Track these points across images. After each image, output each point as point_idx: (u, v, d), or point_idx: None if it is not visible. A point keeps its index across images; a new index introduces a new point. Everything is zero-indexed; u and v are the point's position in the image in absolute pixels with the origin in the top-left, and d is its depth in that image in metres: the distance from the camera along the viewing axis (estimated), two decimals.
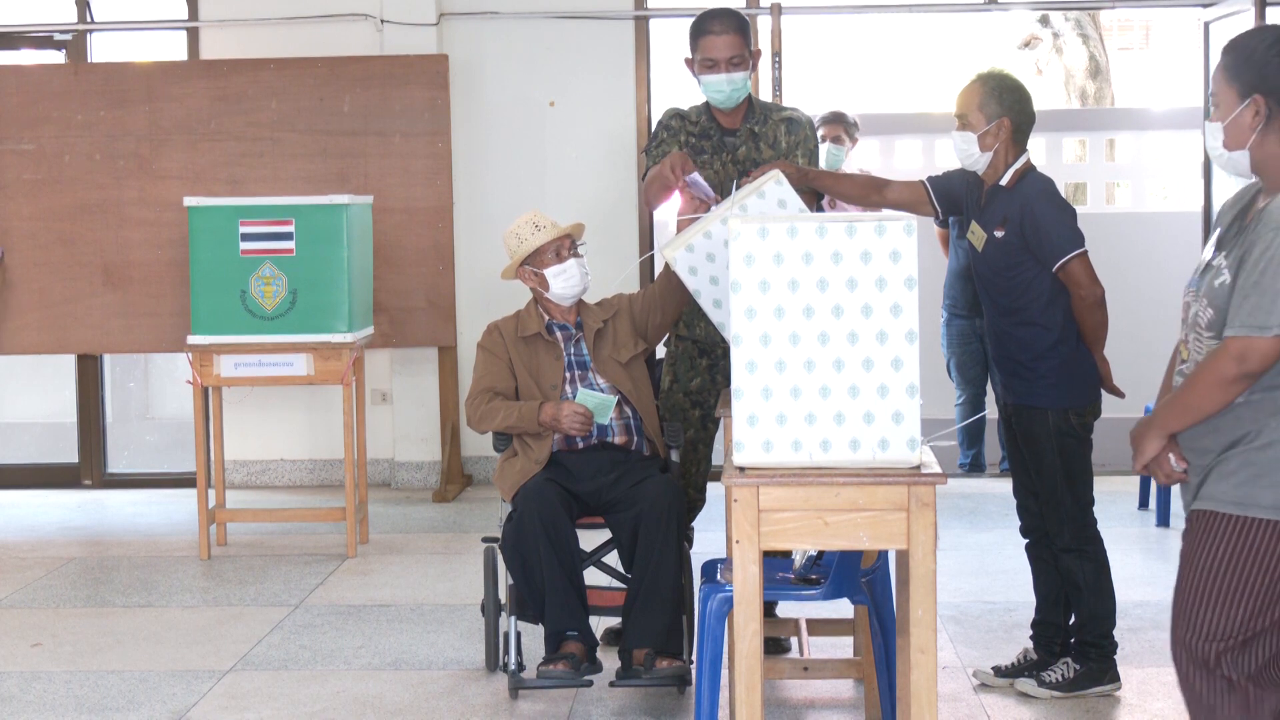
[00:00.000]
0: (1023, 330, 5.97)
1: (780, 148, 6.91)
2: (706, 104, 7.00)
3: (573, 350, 6.56)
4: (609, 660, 6.31)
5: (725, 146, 6.94)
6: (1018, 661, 6.27)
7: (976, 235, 6.06)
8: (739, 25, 6.85)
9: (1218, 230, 4.32)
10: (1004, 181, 5.99)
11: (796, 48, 10.42)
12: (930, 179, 6.35)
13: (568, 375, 6.51)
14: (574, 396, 6.42)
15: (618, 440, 6.46)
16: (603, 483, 6.33)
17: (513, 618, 6.25)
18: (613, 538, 6.40)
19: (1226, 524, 4.12)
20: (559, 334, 6.57)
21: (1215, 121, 4.22)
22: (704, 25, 6.85)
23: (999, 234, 5.95)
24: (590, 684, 6.11)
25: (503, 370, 6.52)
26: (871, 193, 6.55)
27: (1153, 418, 4.28)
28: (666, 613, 6.07)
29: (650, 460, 6.49)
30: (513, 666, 6.16)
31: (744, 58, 6.82)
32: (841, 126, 10.24)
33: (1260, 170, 4.19)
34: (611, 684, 6.10)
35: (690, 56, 6.94)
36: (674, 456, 6.55)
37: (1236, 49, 4.18)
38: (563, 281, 6.50)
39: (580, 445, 6.42)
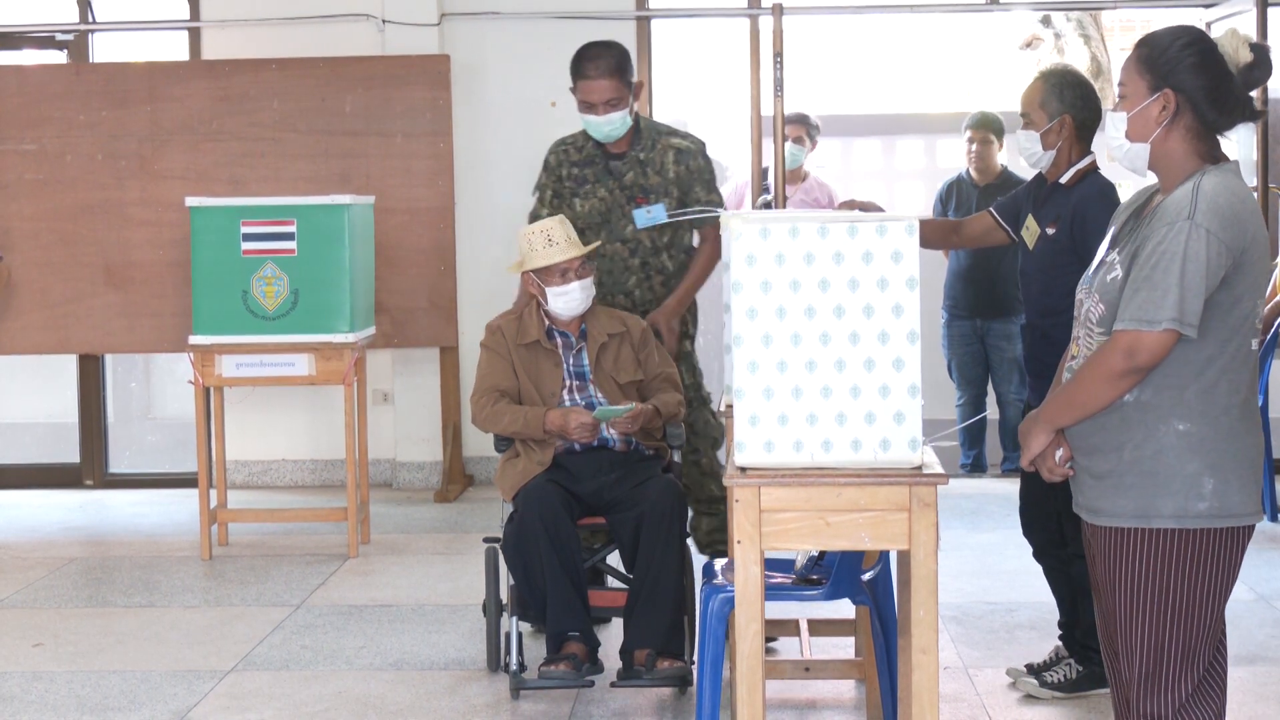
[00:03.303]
0: (1060, 332, 5.94)
1: (668, 175, 6.99)
2: None
3: (571, 360, 6.55)
4: (612, 661, 6.31)
5: (611, 172, 7.01)
6: (1049, 660, 6.24)
7: (1030, 231, 6.03)
8: (613, 67, 6.90)
9: (1113, 228, 4.30)
10: (1064, 180, 5.95)
11: (797, 48, 10.41)
12: (996, 204, 6.33)
13: (566, 384, 6.51)
14: (569, 405, 6.45)
15: (617, 448, 6.48)
16: (604, 482, 6.35)
17: (514, 618, 6.25)
18: (613, 539, 6.41)
19: (1133, 538, 4.07)
20: (559, 341, 6.56)
21: (1120, 112, 4.19)
22: (579, 67, 6.93)
23: (1050, 231, 5.92)
24: (592, 684, 6.13)
25: (507, 369, 6.53)
26: (950, 234, 6.55)
27: (1040, 412, 4.23)
28: (668, 613, 6.09)
29: (652, 460, 6.50)
30: (514, 667, 6.16)
31: (621, 98, 6.89)
32: (804, 127, 10.28)
33: (1157, 166, 4.16)
34: (613, 684, 6.11)
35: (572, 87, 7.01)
36: (675, 458, 6.56)
37: (1151, 43, 4.15)
38: (562, 303, 6.48)
39: (578, 448, 6.43)
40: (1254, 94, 4.22)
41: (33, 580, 8.29)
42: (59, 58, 10.95)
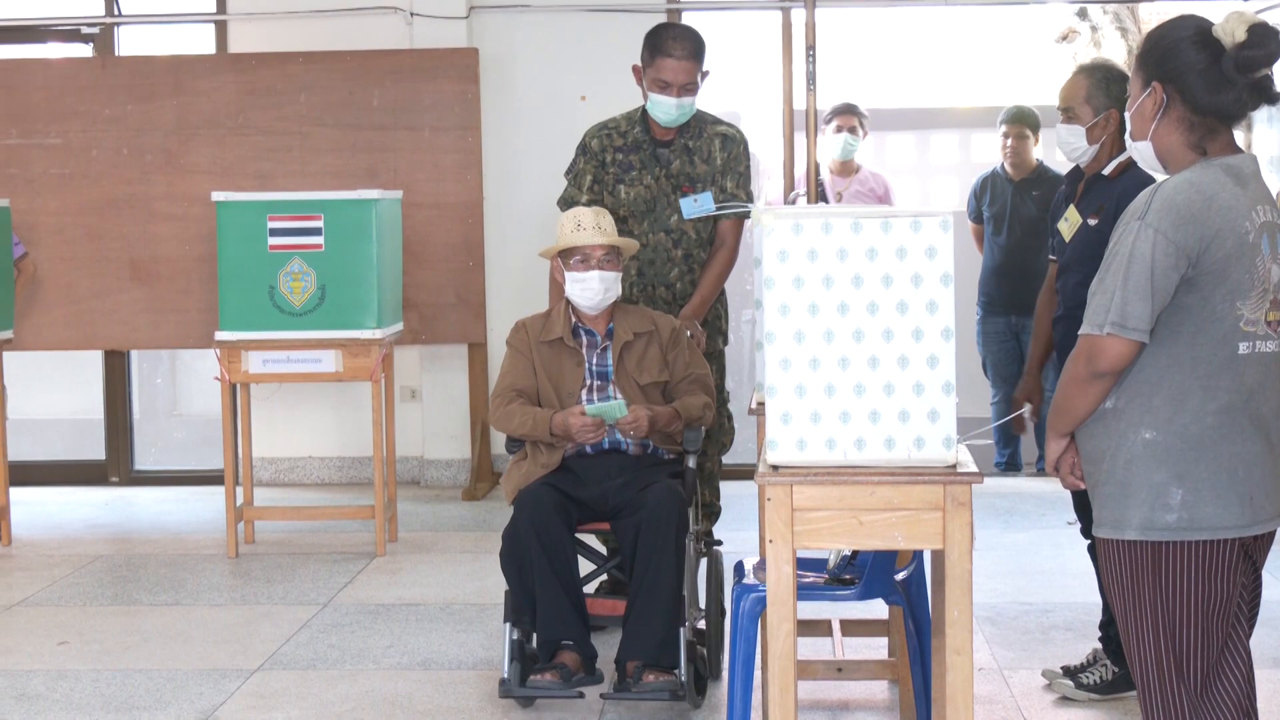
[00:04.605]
0: None
1: (715, 163, 6.95)
2: (643, 113, 7.02)
3: (595, 359, 6.45)
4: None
5: (658, 160, 6.97)
6: (1085, 662, 6.23)
7: (1070, 222, 6.01)
8: (696, 50, 6.88)
9: None
10: (1106, 171, 5.93)
11: (830, 42, 10.39)
12: (1052, 250, 6.23)
13: (587, 384, 6.41)
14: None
15: (631, 452, 6.38)
16: (609, 487, 6.26)
17: (508, 624, 6.10)
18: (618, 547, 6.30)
19: (1112, 550, 4.06)
20: (584, 339, 6.47)
21: (1127, 112, 4.18)
22: (663, 45, 6.87)
23: (1092, 222, 5.90)
24: (581, 696, 6.02)
25: (528, 369, 6.44)
26: (1053, 296, 6.39)
27: (1048, 419, 4.23)
28: (662, 625, 5.96)
29: (663, 464, 6.41)
30: (505, 674, 6.02)
31: (696, 84, 6.87)
32: (855, 117, 10.27)
33: (1163, 162, 4.12)
34: (603, 696, 6.08)
35: (640, 65, 6.94)
36: (690, 463, 6.37)
37: (1151, 36, 4.11)
38: (579, 290, 6.38)
39: (590, 451, 6.35)
40: None
41: (58, 578, 8.32)
42: (84, 51, 10.97)
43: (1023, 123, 10.19)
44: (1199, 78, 4.00)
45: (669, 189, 6.94)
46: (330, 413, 10.82)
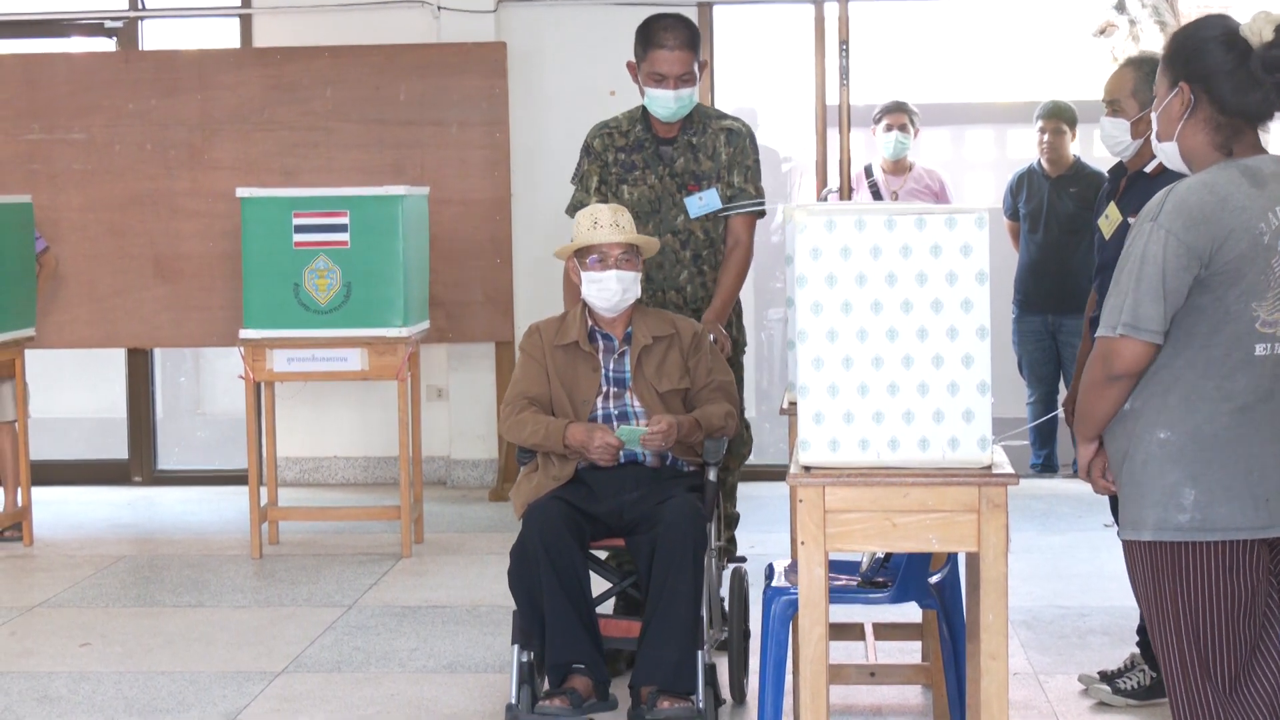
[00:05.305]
0: None
1: (720, 159, 6.79)
2: (643, 110, 6.87)
3: (612, 365, 6.18)
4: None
5: (661, 158, 6.81)
6: (1123, 667, 6.21)
7: (1109, 220, 5.98)
8: (691, 39, 6.71)
9: None
10: (1149, 169, 5.89)
11: (863, 36, 10.38)
12: (1098, 289, 6.18)
13: (603, 390, 6.15)
14: (601, 416, 6.11)
15: (649, 464, 6.11)
16: (625, 501, 5.99)
17: (515, 646, 5.85)
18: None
19: (1131, 551, 4.10)
20: (600, 344, 6.21)
21: (1154, 112, 4.20)
22: (655, 37, 6.71)
23: (1132, 220, 5.87)
24: None
25: (540, 375, 6.19)
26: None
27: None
28: (677, 648, 5.69)
29: (683, 477, 6.14)
30: (512, 699, 5.78)
31: (694, 74, 6.70)
32: (905, 115, 10.24)
33: (1189, 163, 4.14)
34: None
35: (635, 61, 6.81)
36: (711, 475, 6.07)
37: (1177, 37, 4.14)
38: (595, 291, 6.12)
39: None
40: None
41: (80, 579, 8.34)
42: (108, 45, 11.01)
43: (1059, 118, 10.17)
44: (1226, 78, 4.03)
45: (674, 188, 6.78)
46: (356, 412, 10.83)
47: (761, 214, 6.94)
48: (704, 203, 6.79)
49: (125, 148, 10.07)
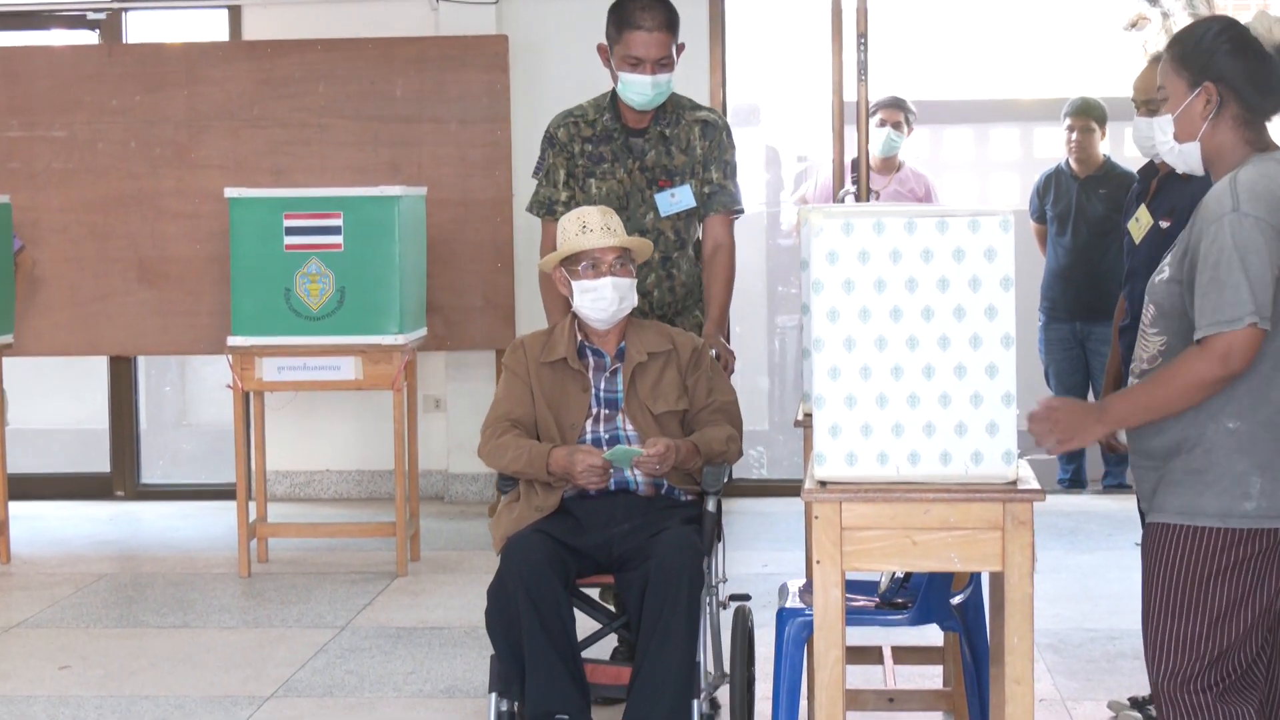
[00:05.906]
0: None
1: (694, 153, 6.60)
2: (612, 97, 6.71)
3: (604, 383, 5.89)
4: None
5: (631, 150, 6.61)
6: None
7: (1140, 223, 5.99)
8: (669, 20, 6.54)
9: None
10: (1181, 170, 5.87)
11: (882, 29, 10.37)
12: (1128, 295, 6.17)
13: (593, 412, 5.86)
14: (591, 440, 5.81)
15: (642, 492, 5.83)
16: (614, 534, 5.68)
17: (493, 695, 5.56)
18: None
19: (1177, 535, 4.20)
20: (590, 361, 5.92)
21: (1165, 114, 4.33)
22: (630, 17, 6.51)
23: (1164, 224, 5.89)
24: None
25: (525, 395, 5.89)
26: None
27: (1104, 408, 4.32)
28: (668, 701, 5.36)
29: (679, 507, 5.83)
30: None
31: (672, 58, 6.53)
32: (901, 112, 10.25)
33: (1211, 162, 4.30)
34: None
35: (607, 44, 6.63)
36: (710, 505, 5.76)
37: (1183, 39, 4.30)
38: (589, 301, 5.82)
39: (594, 492, 5.76)
40: None
41: (59, 598, 8.35)
42: (90, 38, 11.03)
43: (1089, 115, 10.17)
44: (1252, 77, 4.22)
45: (644, 183, 6.58)
46: (349, 423, 10.84)
47: (740, 213, 6.77)
48: (676, 200, 6.58)
49: (108, 145, 10.07)
